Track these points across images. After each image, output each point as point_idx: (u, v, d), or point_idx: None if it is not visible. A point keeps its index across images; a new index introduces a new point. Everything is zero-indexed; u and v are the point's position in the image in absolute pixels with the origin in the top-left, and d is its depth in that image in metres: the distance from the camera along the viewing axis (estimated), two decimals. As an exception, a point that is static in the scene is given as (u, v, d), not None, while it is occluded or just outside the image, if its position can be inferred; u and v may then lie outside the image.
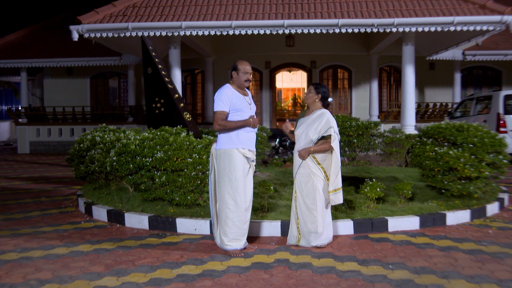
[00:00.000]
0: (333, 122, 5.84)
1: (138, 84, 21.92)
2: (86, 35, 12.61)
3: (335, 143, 5.82)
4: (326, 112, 5.92)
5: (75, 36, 12.50)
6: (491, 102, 14.35)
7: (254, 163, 5.89)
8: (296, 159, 5.96)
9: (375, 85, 19.49)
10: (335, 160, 5.86)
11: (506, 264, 5.22)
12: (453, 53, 19.43)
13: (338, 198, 5.90)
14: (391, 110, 19.90)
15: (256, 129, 5.88)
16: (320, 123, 5.81)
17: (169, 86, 8.79)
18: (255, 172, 9.92)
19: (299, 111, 23.86)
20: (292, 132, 6.15)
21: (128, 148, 7.41)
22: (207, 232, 6.58)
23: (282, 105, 27.66)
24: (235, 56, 20.31)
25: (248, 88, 6.00)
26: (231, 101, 5.63)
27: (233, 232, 5.61)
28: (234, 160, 5.60)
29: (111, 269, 5.08)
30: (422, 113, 20.33)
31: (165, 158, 6.96)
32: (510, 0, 21.49)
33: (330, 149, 5.82)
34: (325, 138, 5.82)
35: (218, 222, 5.78)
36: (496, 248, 5.81)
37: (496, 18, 11.67)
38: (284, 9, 12.56)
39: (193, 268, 5.12)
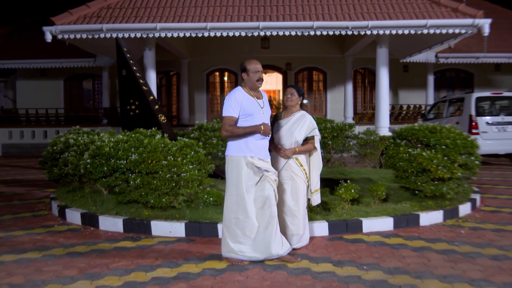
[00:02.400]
0: (315, 123, 5.89)
1: (112, 86, 21.76)
2: (60, 36, 12.49)
3: (318, 143, 5.87)
4: (306, 113, 5.95)
5: (49, 37, 12.38)
6: (463, 104, 14.56)
7: (270, 174, 5.37)
8: (277, 162, 5.83)
9: (349, 87, 19.63)
10: (318, 160, 5.91)
11: (478, 263, 5.29)
12: (427, 56, 19.66)
13: (318, 198, 5.97)
14: (366, 112, 20.07)
15: (269, 137, 5.46)
16: (304, 123, 5.81)
17: (144, 88, 8.75)
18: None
19: (274, 113, 23.86)
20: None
21: (102, 150, 7.34)
22: (182, 234, 6.56)
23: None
24: (210, 57, 20.34)
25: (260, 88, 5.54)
26: (241, 105, 5.20)
27: (234, 240, 5.33)
28: (240, 169, 5.24)
29: (85, 273, 5.02)
30: (396, 115, 20.52)
31: (139, 161, 6.91)
32: (482, 4, 21.91)
33: (313, 150, 5.86)
34: (308, 140, 5.85)
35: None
36: (468, 248, 5.89)
37: (468, 21, 11.85)
38: (259, 11, 12.59)
39: (168, 271, 5.10)
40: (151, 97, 8.82)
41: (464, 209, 7.90)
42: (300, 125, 5.80)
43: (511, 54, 19.44)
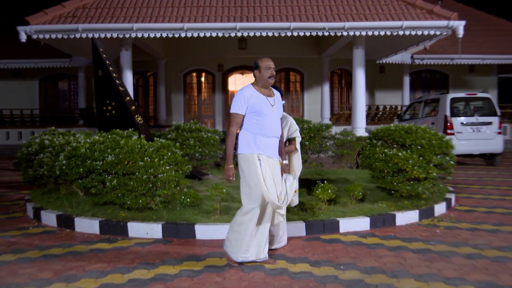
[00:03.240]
0: (296, 125, 5.91)
1: (88, 86, 21.56)
2: (35, 36, 12.36)
3: (299, 145, 5.88)
4: (287, 115, 5.96)
5: (23, 37, 12.23)
6: (439, 105, 14.73)
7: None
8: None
9: (326, 88, 19.72)
10: (298, 161, 5.92)
11: (453, 262, 5.35)
12: (402, 57, 19.84)
13: (297, 199, 6.00)
14: (343, 113, 20.18)
15: (278, 136, 5.37)
16: (286, 125, 5.80)
17: (120, 88, 8.69)
18: (207, 174, 9.95)
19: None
20: None
21: (78, 151, 7.28)
22: (159, 236, 6.53)
23: (235, 107, 27.69)
24: (187, 58, 20.28)
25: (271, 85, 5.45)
26: (249, 102, 5.16)
27: (248, 243, 5.21)
28: (253, 165, 5.13)
29: (61, 275, 4.97)
30: (372, 116, 20.66)
31: (116, 162, 6.86)
32: (456, 6, 22.18)
33: (295, 151, 5.87)
34: (290, 141, 5.86)
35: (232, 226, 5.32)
36: (444, 247, 5.96)
37: (443, 23, 11.99)
38: (236, 12, 12.59)
39: (145, 272, 5.07)
40: (128, 98, 8.77)
41: (440, 208, 7.99)
42: (282, 127, 5.78)
43: (485, 55, 19.70)
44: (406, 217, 7.34)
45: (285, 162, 5.60)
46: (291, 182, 5.44)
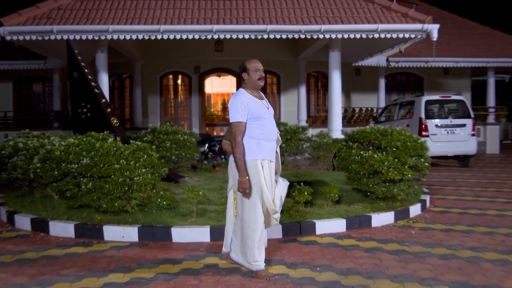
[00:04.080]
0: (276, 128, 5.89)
1: (63, 88, 21.34)
2: (8, 38, 12.20)
3: (279, 148, 5.87)
4: None
5: (-4, 39, 12.08)
6: (414, 107, 14.87)
7: (278, 177, 5.36)
8: None
9: (303, 90, 19.79)
10: (278, 164, 5.90)
11: (427, 263, 5.42)
12: (378, 60, 20.00)
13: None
14: (319, 115, 20.26)
15: (276, 139, 5.23)
16: None
17: (96, 90, 8.63)
18: (183, 177, 9.92)
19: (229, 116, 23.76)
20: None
21: (52, 154, 7.21)
22: (135, 239, 6.50)
23: (212, 110, 27.67)
24: (164, 60, 20.18)
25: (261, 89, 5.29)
26: (249, 108, 4.94)
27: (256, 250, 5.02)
28: (256, 173, 4.96)
29: (35, 280, 4.92)
30: (348, 118, 20.79)
31: (91, 164, 6.81)
32: (430, 9, 22.44)
33: (276, 154, 5.84)
34: None
35: (240, 240, 5.15)
36: (419, 248, 6.03)
37: (418, 26, 12.12)
38: (213, 14, 12.58)
39: (121, 276, 5.04)
40: (103, 100, 8.71)
41: (415, 210, 8.08)
42: None
43: (459, 58, 19.95)
44: (382, 219, 7.41)
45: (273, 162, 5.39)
46: (282, 186, 5.41)
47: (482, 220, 7.64)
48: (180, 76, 21.51)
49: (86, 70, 8.64)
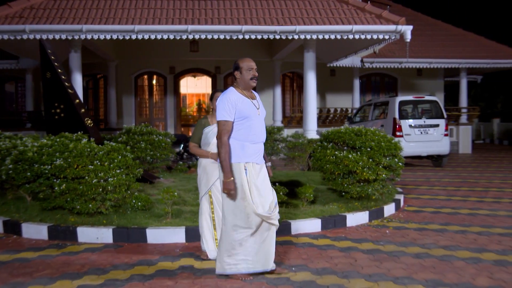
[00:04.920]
0: None
1: (36, 88, 21.07)
2: (-21, 37, 12.01)
3: None
4: None
5: (-33, 38, 11.88)
6: (388, 108, 15.00)
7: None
8: (215, 169, 5.53)
9: (278, 90, 19.82)
10: None
11: (401, 262, 5.47)
12: (352, 60, 20.12)
13: None
14: (294, 115, 20.31)
15: (263, 141, 5.07)
16: None
17: (70, 91, 8.54)
18: (158, 178, 9.87)
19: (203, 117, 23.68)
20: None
21: (25, 155, 7.12)
22: (110, 240, 6.45)
23: (187, 110, 27.57)
24: (138, 60, 20.06)
25: (255, 88, 5.19)
26: (236, 107, 4.80)
27: (240, 253, 4.91)
28: (238, 177, 4.80)
29: (7, 283, 4.84)
30: (323, 118, 20.88)
31: (65, 166, 6.74)
32: (404, 11, 22.67)
33: None
34: None
35: (221, 244, 4.99)
36: (393, 247, 6.09)
37: (391, 27, 12.23)
38: (188, 14, 12.54)
39: (95, 278, 4.99)
40: (77, 101, 8.62)
41: (389, 209, 8.15)
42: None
43: (432, 59, 20.17)
44: (357, 218, 7.47)
45: (268, 164, 5.24)
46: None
47: (455, 219, 7.74)
48: (155, 77, 21.41)
49: (59, 70, 8.55)
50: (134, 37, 12.18)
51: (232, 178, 4.75)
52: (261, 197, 4.86)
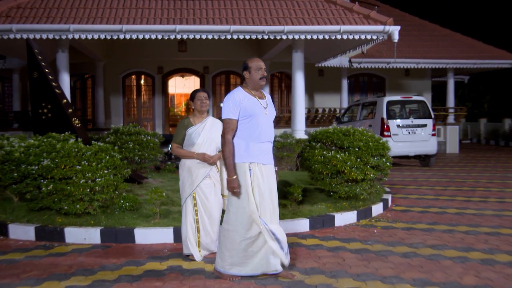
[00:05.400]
0: None
1: (23, 88, 20.93)
2: (-35, 37, 11.91)
3: None
4: (214, 118, 5.91)
5: (-47, 38, 11.78)
6: (376, 108, 15.06)
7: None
8: (200, 170, 5.59)
9: (267, 90, 19.84)
10: None
11: (389, 261, 5.50)
12: (341, 61, 20.17)
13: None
14: (283, 115, 20.32)
15: (271, 141, 5.03)
16: (218, 128, 5.64)
17: (57, 91, 8.49)
18: (147, 178, 9.84)
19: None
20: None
21: (12, 155, 7.07)
22: (98, 241, 6.42)
23: (175, 110, 27.52)
24: (126, 60, 19.98)
25: (263, 88, 5.13)
26: (241, 105, 4.80)
27: (235, 256, 4.89)
28: (242, 176, 4.80)
29: (-6, 284, 4.83)
30: (312, 118, 20.91)
31: (52, 166, 6.70)
32: (392, 11, 22.75)
33: None
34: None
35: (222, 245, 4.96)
36: (381, 247, 6.12)
37: (379, 28, 12.26)
38: (176, 14, 12.50)
39: (83, 278, 4.97)
40: (65, 101, 8.57)
41: (377, 209, 8.19)
42: (217, 131, 5.68)
43: (420, 59, 20.27)
44: (345, 218, 7.49)
45: (275, 168, 5.18)
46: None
47: (442, 218, 7.79)
48: (143, 77, 21.33)
49: (46, 70, 8.49)
50: (122, 37, 12.12)
51: (235, 176, 4.76)
52: (263, 200, 4.84)
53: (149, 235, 6.43)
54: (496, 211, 8.37)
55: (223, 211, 5.51)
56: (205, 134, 5.68)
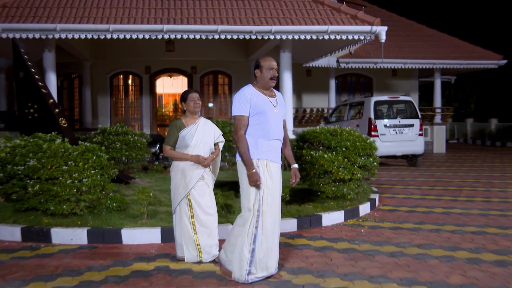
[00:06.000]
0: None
1: (9, 88, 20.78)
2: (-50, 36, 11.80)
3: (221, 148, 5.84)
4: (206, 119, 5.87)
5: None
6: (363, 108, 15.10)
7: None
8: (194, 172, 5.52)
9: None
10: (218, 164, 5.90)
11: (376, 261, 5.52)
12: (328, 61, 20.22)
13: None
14: (270, 115, 20.33)
15: (280, 139, 5.03)
16: (210, 129, 5.68)
17: (43, 90, 8.44)
18: (134, 178, 9.81)
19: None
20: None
21: (-3, 156, 7.03)
22: (85, 242, 6.39)
23: (163, 110, 27.43)
24: (114, 60, 19.90)
25: (273, 87, 5.06)
26: (251, 102, 4.80)
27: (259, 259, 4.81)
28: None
29: (-21, 285, 4.79)
30: (300, 118, 20.96)
31: (38, 166, 6.66)
32: (379, 12, 22.85)
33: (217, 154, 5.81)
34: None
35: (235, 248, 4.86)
36: (368, 246, 6.14)
37: (366, 28, 12.31)
38: (163, 14, 12.47)
39: (69, 280, 4.94)
40: (51, 100, 8.52)
41: (364, 208, 8.22)
42: (209, 132, 5.67)
43: (407, 60, 20.38)
44: (332, 218, 7.51)
45: (295, 166, 5.23)
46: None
47: (429, 218, 7.83)
48: (130, 76, 21.26)
49: (33, 70, 8.44)
50: (109, 36, 12.07)
51: (254, 170, 4.72)
52: (273, 200, 4.86)
53: (136, 236, 6.41)
54: (482, 210, 8.42)
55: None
56: (198, 136, 5.59)
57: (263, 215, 4.79)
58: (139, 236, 6.41)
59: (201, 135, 5.61)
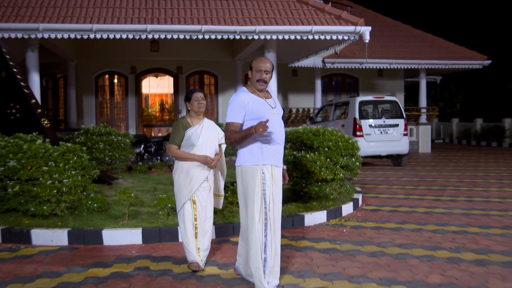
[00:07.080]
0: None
1: (-7, 88, 20.61)
2: None
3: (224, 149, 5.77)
4: (209, 119, 5.70)
5: None
6: (348, 108, 15.15)
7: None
8: (199, 172, 5.40)
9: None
10: (224, 165, 5.82)
11: (357, 261, 5.53)
12: (314, 61, 20.25)
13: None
14: (255, 116, 20.34)
15: (282, 142, 4.77)
16: (214, 130, 5.58)
17: (25, 91, 8.37)
18: (117, 179, 9.76)
19: (167, 117, 23.56)
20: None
21: (-23, 157, 6.96)
22: (65, 243, 6.34)
23: (150, 110, 27.36)
24: (99, 60, 19.82)
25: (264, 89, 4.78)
26: (247, 109, 4.55)
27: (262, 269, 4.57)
28: (251, 179, 4.58)
29: (-44, 287, 4.74)
30: (285, 118, 20.97)
31: (18, 167, 6.60)
32: (364, 12, 22.93)
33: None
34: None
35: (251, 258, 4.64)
36: (349, 246, 6.15)
37: (350, 28, 12.35)
38: (147, 13, 12.43)
39: (48, 281, 4.91)
40: (33, 101, 8.46)
41: (347, 208, 8.23)
42: (213, 133, 5.56)
43: (392, 60, 20.47)
44: (315, 218, 7.52)
45: (283, 167, 4.95)
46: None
47: (412, 217, 7.86)
48: (116, 76, 21.19)
49: (15, 70, 8.36)
50: (92, 36, 12.01)
51: (252, 128, 4.39)
52: (275, 205, 4.71)
53: (117, 236, 6.37)
54: (464, 210, 8.47)
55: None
56: (204, 135, 5.46)
57: (270, 222, 4.63)
58: (120, 237, 6.38)
59: (206, 135, 5.48)
